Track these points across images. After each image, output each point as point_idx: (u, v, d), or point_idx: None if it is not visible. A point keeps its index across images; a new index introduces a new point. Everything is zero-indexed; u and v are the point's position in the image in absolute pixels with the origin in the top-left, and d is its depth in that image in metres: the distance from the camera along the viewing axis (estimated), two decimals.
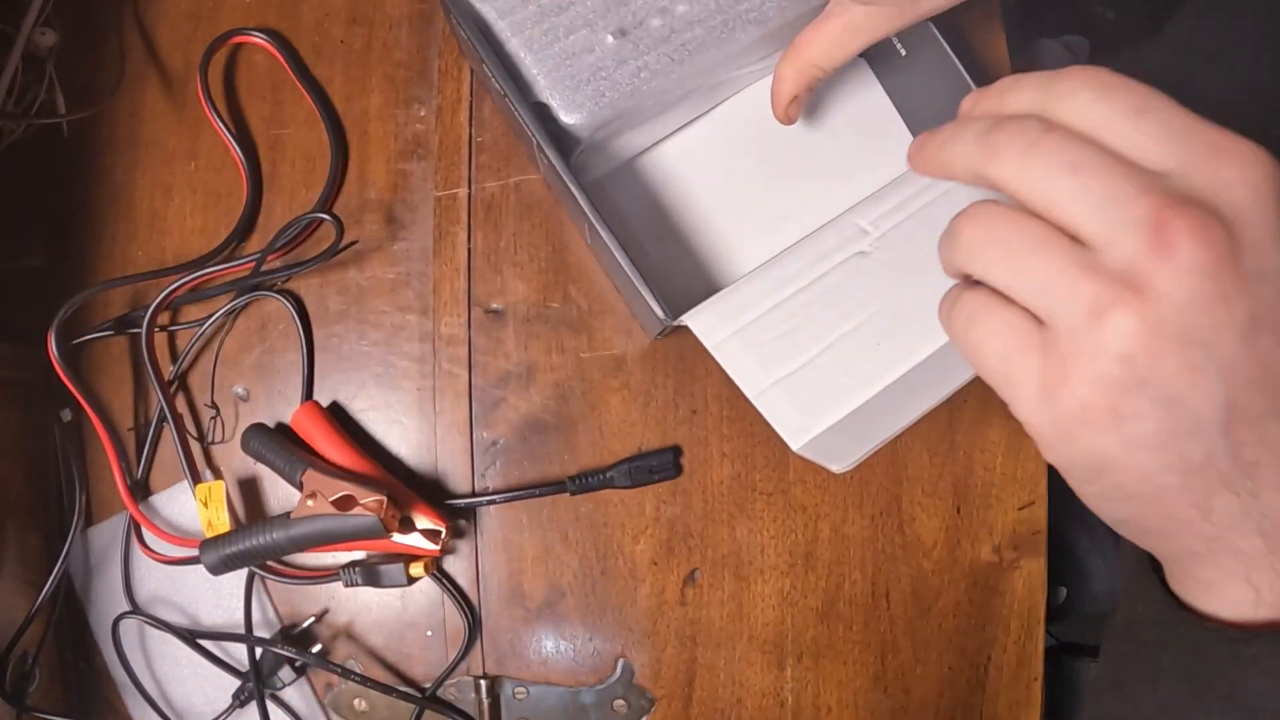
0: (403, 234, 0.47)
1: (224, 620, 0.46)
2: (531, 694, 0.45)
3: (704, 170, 0.45)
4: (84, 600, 0.48)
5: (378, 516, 0.39)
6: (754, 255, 0.44)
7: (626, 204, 0.45)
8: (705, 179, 0.45)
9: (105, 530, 0.47)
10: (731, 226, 0.45)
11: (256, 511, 0.46)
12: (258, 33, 0.47)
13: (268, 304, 0.47)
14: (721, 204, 0.45)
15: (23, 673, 0.45)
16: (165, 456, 0.47)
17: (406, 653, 0.46)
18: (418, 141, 0.47)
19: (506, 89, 0.38)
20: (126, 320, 0.47)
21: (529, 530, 0.45)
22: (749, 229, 0.45)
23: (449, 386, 0.46)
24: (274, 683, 0.45)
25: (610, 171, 0.45)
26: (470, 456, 0.45)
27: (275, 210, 0.47)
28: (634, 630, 0.45)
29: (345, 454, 0.43)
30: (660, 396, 0.45)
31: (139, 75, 0.49)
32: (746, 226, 0.45)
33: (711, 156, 0.45)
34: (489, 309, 0.46)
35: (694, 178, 0.45)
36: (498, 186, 0.46)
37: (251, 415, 0.46)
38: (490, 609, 0.45)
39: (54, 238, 0.49)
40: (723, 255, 0.45)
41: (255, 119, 0.48)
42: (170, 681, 0.47)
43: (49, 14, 0.46)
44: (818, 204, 0.44)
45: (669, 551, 0.45)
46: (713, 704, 0.45)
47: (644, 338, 0.46)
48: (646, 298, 0.36)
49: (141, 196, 0.48)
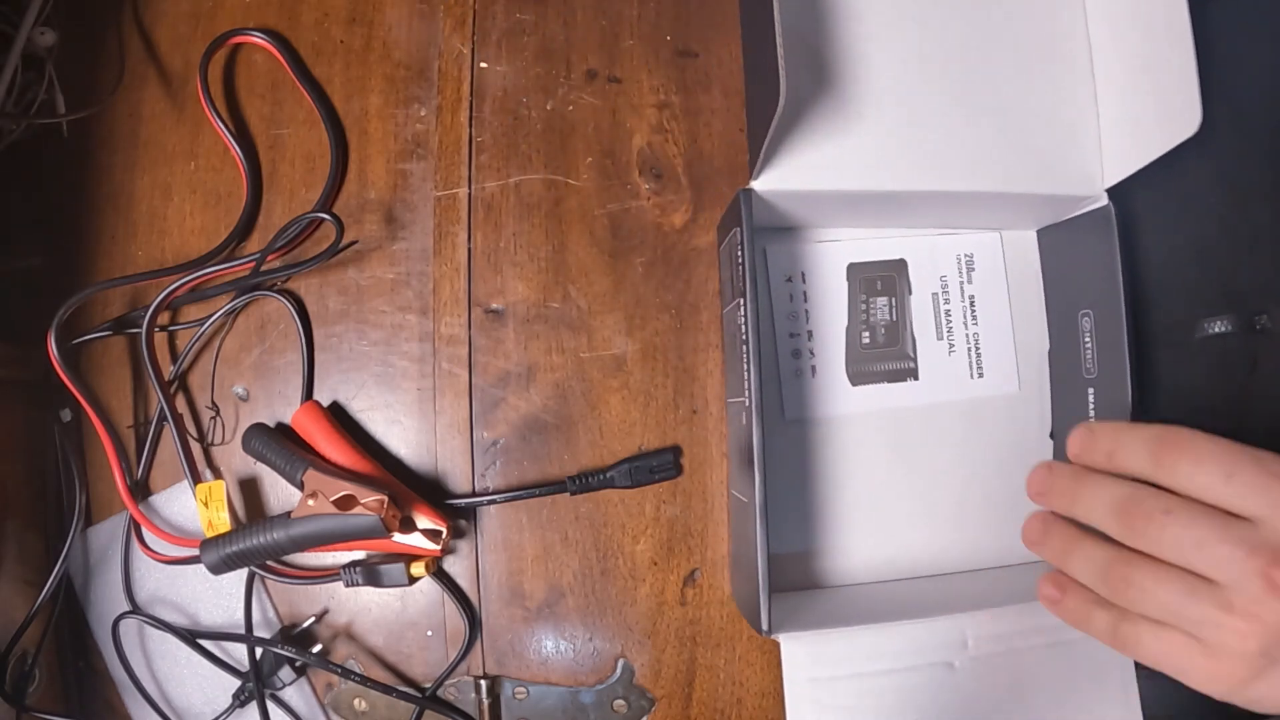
0: (403, 234, 0.47)
1: (224, 620, 0.46)
2: (531, 694, 0.45)
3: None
4: (84, 600, 0.48)
5: (379, 516, 0.39)
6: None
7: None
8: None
9: (105, 530, 0.47)
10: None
11: (257, 511, 0.46)
12: (258, 33, 0.47)
13: (268, 304, 0.47)
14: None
15: (22, 673, 0.45)
16: (165, 456, 0.47)
17: (406, 653, 0.46)
18: (418, 141, 0.47)
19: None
20: (126, 320, 0.47)
21: (529, 530, 0.45)
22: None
23: (449, 386, 0.46)
24: (274, 683, 0.45)
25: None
26: (470, 456, 0.45)
27: (275, 210, 0.47)
28: (634, 630, 0.45)
29: (346, 454, 0.43)
30: (660, 396, 0.45)
31: (138, 75, 0.49)
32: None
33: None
34: (489, 309, 0.46)
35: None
36: (498, 186, 0.46)
37: (251, 415, 0.46)
38: (490, 609, 0.45)
39: (54, 238, 0.48)
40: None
41: (255, 119, 0.48)
42: (170, 681, 0.47)
43: (49, 14, 0.46)
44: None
45: (669, 551, 0.45)
46: (713, 704, 0.45)
47: (643, 338, 0.46)
48: (761, 600, 0.37)
49: (141, 196, 0.48)
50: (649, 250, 0.46)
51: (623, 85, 0.47)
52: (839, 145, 0.40)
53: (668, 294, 0.46)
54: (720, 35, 0.47)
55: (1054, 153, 0.42)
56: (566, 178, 0.46)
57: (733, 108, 0.47)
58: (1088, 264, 0.43)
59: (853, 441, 0.46)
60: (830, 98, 0.40)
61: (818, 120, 0.40)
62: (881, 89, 0.41)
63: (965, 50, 0.42)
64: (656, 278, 0.46)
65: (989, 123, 0.41)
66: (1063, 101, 0.42)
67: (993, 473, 0.47)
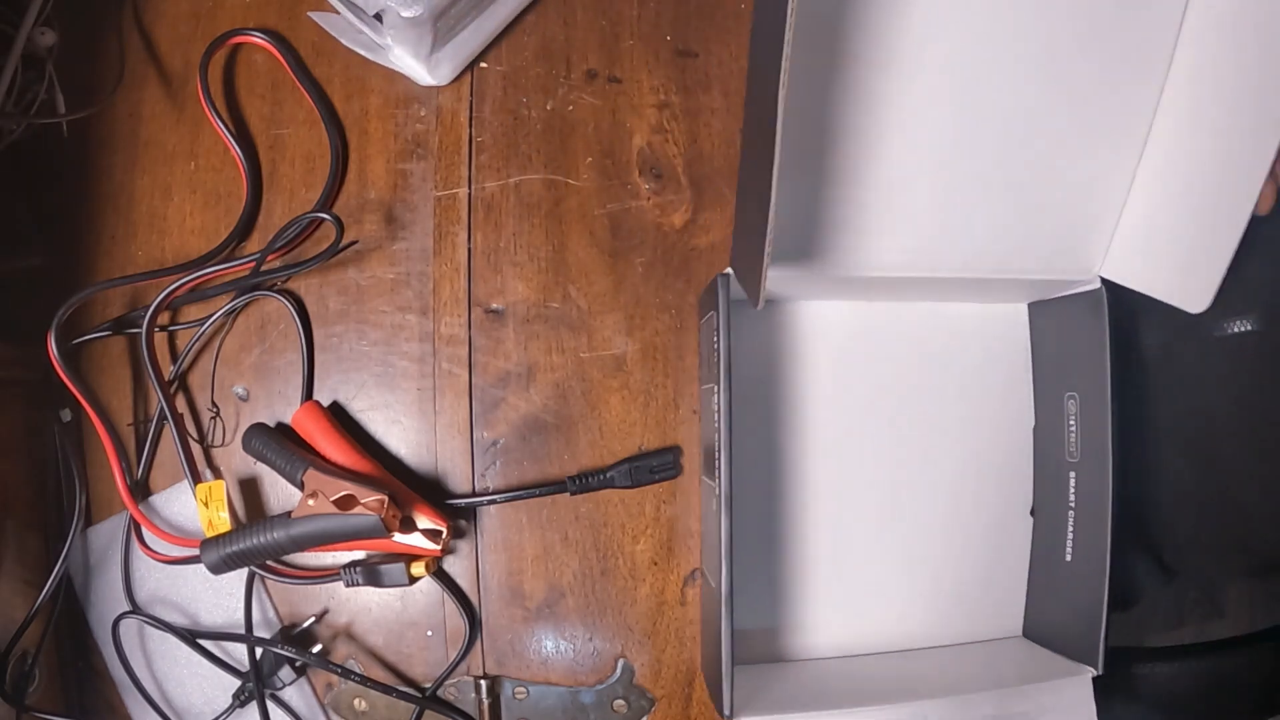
0: (403, 234, 0.47)
1: (224, 620, 0.46)
2: (531, 694, 0.45)
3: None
4: (84, 600, 0.48)
5: (379, 516, 0.39)
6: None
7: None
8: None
9: (105, 530, 0.47)
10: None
11: (257, 511, 0.46)
12: (258, 33, 0.47)
13: (268, 304, 0.47)
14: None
15: (23, 673, 0.45)
16: (165, 456, 0.47)
17: (406, 653, 0.46)
18: (418, 141, 0.47)
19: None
20: (126, 320, 0.47)
21: (529, 530, 0.45)
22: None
23: (449, 386, 0.46)
24: (274, 683, 0.45)
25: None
26: (470, 456, 0.45)
27: (275, 210, 0.47)
28: (634, 630, 0.45)
29: (346, 454, 0.43)
30: (660, 396, 0.45)
31: (139, 75, 0.49)
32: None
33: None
34: (489, 309, 0.46)
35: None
36: (498, 186, 0.46)
37: (251, 415, 0.46)
38: (490, 609, 0.45)
39: (54, 238, 0.48)
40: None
41: (255, 119, 0.48)
42: (170, 681, 0.47)
43: (49, 14, 0.46)
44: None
45: (669, 551, 0.45)
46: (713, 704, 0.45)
47: (643, 338, 0.46)
48: (724, 684, 0.37)
49: (141, 196, 0.48)
50: (649, 250, 0.46)
51: (623, 85, 0.47)
52: (822, 228, 0.39)
53: (668, 294, 0.46)
54: (720, 35, 0.47)
55: (1059, 237, 0.40)
56: (566, 178, 0.46)
57: (733, 108, 0.47)
58: (1077, 344, 0.42)
59: (827, 512, 0.45)
60: (821, 176, 0.38)
61: (801, 202, 0.38)
62: (894, 168, 0.38)
63: (1006, 120, 0.38)
64: (656, 278, 0.46)
65: (998, 206, 0.39)
66: (1093, 177, 0.39)
67: (972, 547, 0.46)
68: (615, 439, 0.45)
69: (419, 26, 0.42)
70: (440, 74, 0.45)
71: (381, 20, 0.42)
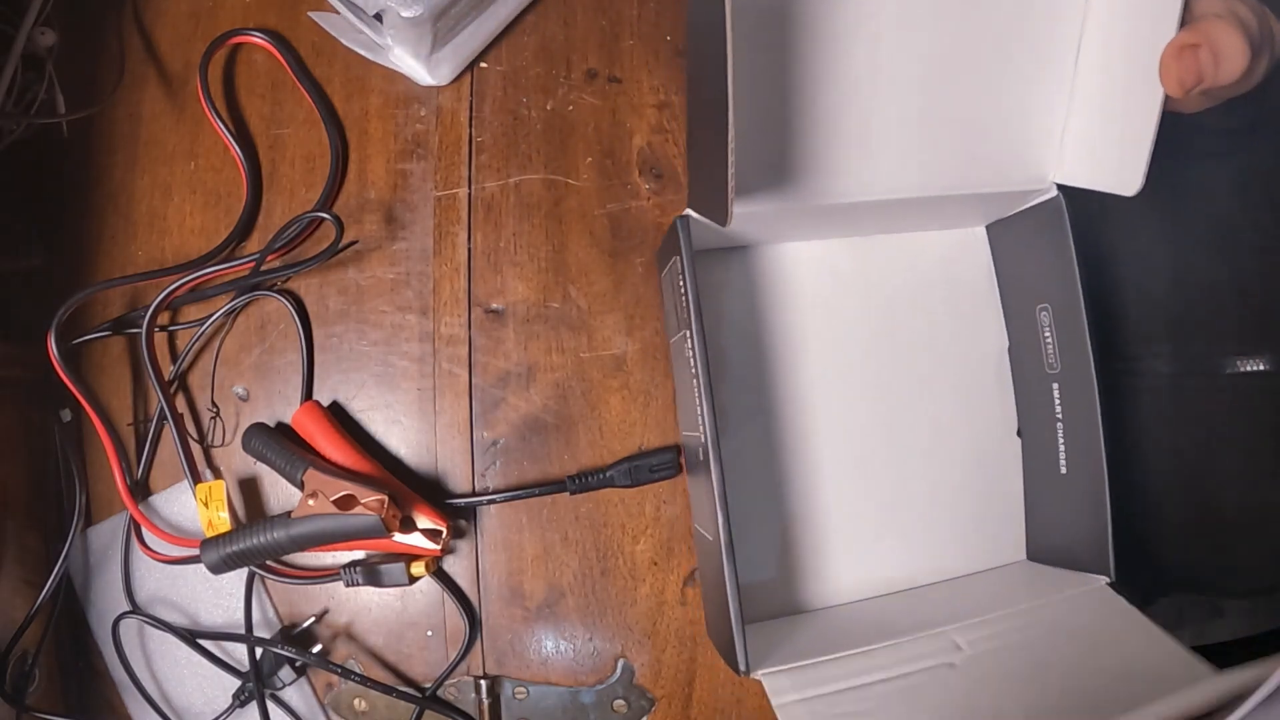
0: (403, 234, 0.47)
1: (224, 620, 0.46)
2: (531, 694, 0.45)
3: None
4: (84, 600, 0.48)
5: (379, 516, 0.39)
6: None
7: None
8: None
9: (105, 530, 0.47)
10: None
11: (257, 511, 0.46)
12: (258, 33, 0.47)
13: (268, 304, 0.47)
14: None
15: (22, 673, 0.45)
16: (165, 456, 0.47)
17: (406, 653, 0.46)
18: (418, 141, 0.47)
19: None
20: (126, 320, 0.47)
21: (529, 530, 0.45)
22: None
23: (449, 386, 0.46)
24: (274, 683, 0.45)
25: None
26: (470, 456, 0.45)
27: (275, 210, 0.47)
28: (634, 630, 0.45)
29: (346, 454, 0.43)
30: (660, 396, 0.45)
31: (139, 75, 0.49)
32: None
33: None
34: (489, 309, 0.46)
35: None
36: (498, 186, 0.46)
37: (251, 415, 0.46)
38: (490, 609, 0.45)
39: (54, 238, 0.48)
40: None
41: (255, 119, 0.48)
42: (170, 681, 0.47)
43: (49, 14, 0.46)
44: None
45: (669, 551, 0.45)
46: (713, 704, 0.45)
47: (643, 338, 0.46)
48: (736, 637, 0.36)
49: (141, 196, 0.48)
50: (649, 250, 0.46)
51: (623, 85, 0.47)
52: (782, 160, 0.39)
53: None
54: None
55: (1009, 150, 0.41)
56: (566, 178, 0.46)
57: None
58: (1043, 255, 0.42)
59: (814, 460, 0.45)
60: (778, 111, 0.38)
61: (760, 135, 0.38)
62: (836, 98, 0.39)
63: (945, 48, 0.40)
64: (656, 278, 0.46)
65: (948, 128, 0.40)
66: (1032, 98, 0.41)
67: (964, 478, 0.46)
68: (615, 439, 0.45)
69: (419, 26, 0.42)
70: (440, 74, 0.45)
71: (381, 20, 0.42)
